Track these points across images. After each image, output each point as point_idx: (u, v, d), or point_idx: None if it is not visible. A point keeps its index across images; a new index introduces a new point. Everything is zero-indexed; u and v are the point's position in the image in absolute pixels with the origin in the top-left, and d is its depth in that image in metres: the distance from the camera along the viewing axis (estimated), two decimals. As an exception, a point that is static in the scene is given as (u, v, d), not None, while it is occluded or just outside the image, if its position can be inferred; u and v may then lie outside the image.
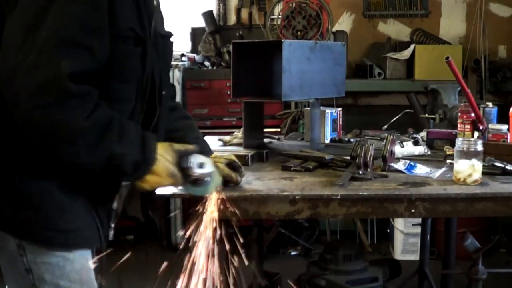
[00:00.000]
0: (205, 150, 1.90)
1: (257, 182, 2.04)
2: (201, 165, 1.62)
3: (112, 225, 1.70)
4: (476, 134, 2.55)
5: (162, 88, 1.73)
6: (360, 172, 2.09)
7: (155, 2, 1.71)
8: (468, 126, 2.57)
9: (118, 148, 1.49)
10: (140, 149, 1.53)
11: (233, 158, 1.92)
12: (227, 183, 1.87)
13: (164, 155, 1.58)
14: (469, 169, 2.01)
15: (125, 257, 1.64)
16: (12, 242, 1.55)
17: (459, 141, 2.07)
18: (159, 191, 1.82)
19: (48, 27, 1.41)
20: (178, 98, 4.44)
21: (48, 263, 1.56)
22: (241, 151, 2.51)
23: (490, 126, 2.55)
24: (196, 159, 1.63)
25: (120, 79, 1.58)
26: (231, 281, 1.68)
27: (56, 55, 1.40)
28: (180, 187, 1.72)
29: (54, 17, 1.41)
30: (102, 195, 1.64)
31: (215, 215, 1.67)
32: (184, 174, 1.61)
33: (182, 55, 4.83)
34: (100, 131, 1.46)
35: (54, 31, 1.41)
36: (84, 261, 1.61)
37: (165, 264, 1.69)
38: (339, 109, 3.02)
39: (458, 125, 2.62)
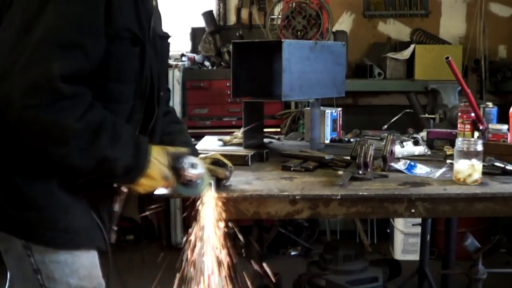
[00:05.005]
0: (193, 154, 1.90)
1: (257, 182, 2.04)
2: (193, 166, 1.63)
3: (115, 228, 1.70)
4: (476, 134, 2.55)
5: (160, 89, 1.72)
6: (360, 172, 2.09)
7: (154, 2, 1.71)
8: (468, 126, 2.57)
9: (110, 152, 1.48)
10: (132, 154, 1.52)
11: (218, 157, 1.90)
12: (219, 182, 1.86)
13: (158, 158, 1.58)
14: (469, 169, 2.01)
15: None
16: (18, 243, 1.54)
17: (459, 141, 2.07)
18: (158, 191, 1.82)
19: (42, 27, 1.40)
20: (178, 98, 4.49)
21: (57, 262, 1.55)
22: (241, 151, 2.50)
23: (490, 126, 2.54)
24: (188, 160, 1.64)
25: (117, 79, 1.58)
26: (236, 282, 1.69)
27: (49, 56, 1.40)
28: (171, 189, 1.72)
29: (48, 17, 1.41)
30: (102, 196, 1.64)
31: (215, 216, 1.68)
32: (177, 175, 1.62)
33: (182, 55, 4.83)
34: (92, 133, 1.45)
35: (48, 32, 1.40)
36: (92, 257, 1.62)
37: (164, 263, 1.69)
38: (339, 109, 3.02)
39: (458, 125, 2.62)
